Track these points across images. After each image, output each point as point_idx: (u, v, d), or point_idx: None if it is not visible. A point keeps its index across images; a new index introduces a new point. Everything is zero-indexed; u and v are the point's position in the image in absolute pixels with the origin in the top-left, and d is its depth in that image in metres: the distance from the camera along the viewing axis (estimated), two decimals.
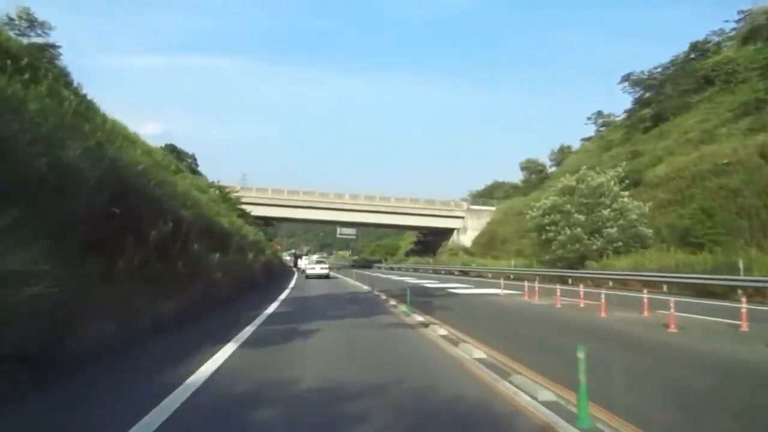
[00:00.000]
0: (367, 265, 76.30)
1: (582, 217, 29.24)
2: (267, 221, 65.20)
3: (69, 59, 28.43)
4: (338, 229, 73.45)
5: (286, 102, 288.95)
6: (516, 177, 74.38)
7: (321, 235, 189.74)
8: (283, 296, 18.41)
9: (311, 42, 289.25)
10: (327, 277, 34.46)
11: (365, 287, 23.14)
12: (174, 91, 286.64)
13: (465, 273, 40.72)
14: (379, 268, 67.26)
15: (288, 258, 73.89)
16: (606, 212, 28.58)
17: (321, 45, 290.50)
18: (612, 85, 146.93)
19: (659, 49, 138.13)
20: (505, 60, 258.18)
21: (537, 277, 24.63)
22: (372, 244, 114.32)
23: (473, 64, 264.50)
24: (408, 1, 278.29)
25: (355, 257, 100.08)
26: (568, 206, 30.09)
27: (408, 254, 73.84)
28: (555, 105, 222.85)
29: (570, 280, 25.73)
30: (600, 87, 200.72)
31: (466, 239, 57.63)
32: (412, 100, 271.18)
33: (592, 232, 28.85)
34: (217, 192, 30.05)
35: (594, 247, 28.42)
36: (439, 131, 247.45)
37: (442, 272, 45.55)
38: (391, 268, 62.44)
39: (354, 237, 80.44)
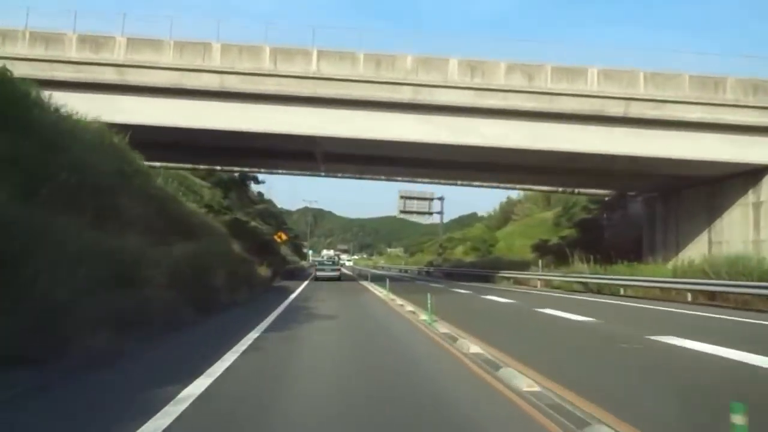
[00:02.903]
0: (474, 273, 34.66)
1: None
2: (222, 163, 27.00)
3: None
4: (400, 202, 33.47)
5: None
6: None
7: (360, 235, 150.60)
8: None
9: None
10: (338, 279, 30.10)
11: None
12: None
13: None
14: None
15: (313, 261, 64.16)
16: None
17: None
18: None
19: None
20: None
21: None
22: (428, 240, 71.79)
23: None
24: None
25: (434, 258, 54.99)
26: None
27: (587, 258, 30.35)
28: None
29: None
30: None
31: None
32: None
33: None
34: None
35: None
36: None
37: None
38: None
39: (430, 215, 38.14)
